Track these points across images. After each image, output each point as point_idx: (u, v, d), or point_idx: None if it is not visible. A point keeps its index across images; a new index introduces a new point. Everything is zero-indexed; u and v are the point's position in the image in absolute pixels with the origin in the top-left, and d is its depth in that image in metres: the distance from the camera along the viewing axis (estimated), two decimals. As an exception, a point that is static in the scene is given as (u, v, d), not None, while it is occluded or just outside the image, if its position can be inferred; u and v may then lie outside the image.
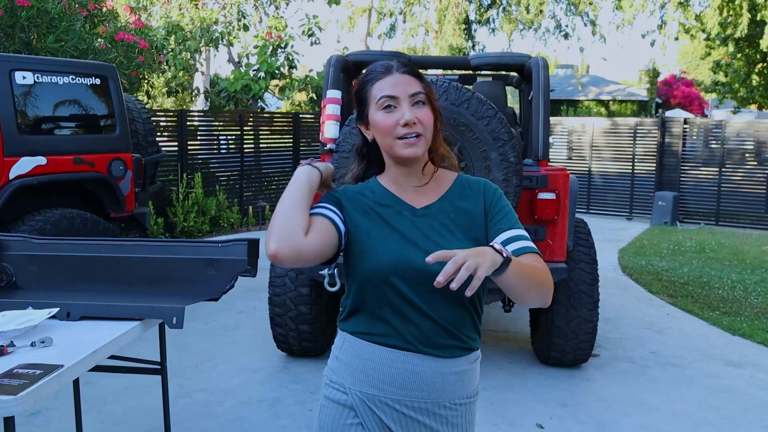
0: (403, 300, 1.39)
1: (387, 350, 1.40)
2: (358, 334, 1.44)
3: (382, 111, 1.42)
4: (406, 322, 1.39)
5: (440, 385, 1.41)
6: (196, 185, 9.29)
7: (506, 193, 3.58)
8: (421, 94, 1.42)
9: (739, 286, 6.82)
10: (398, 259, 1.38)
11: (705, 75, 22.97)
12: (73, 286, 2.34)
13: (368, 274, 1.40)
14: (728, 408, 3.84)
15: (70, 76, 5.06)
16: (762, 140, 11.29)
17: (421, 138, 1.41)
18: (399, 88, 1.41)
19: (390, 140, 1.42)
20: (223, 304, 5.19)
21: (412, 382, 1.39)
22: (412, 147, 1.41)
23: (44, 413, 3.51)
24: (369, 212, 1.45)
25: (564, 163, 13.00)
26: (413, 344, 1.39)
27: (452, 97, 3.51)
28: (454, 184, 1.51)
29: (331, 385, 1.48)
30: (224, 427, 3.46)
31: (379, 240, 1.41)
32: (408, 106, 1.40)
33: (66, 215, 4.78)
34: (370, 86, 1.45)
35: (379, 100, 1.42)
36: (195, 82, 15.11)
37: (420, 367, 1.39)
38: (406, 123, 1.39)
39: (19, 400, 1.49)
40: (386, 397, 1.41)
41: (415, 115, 1.40)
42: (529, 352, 4.67)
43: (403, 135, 1.40)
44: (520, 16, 18.39)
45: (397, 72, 1.44)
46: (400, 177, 1.48)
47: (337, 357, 1.49)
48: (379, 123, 1.42)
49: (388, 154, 1.47)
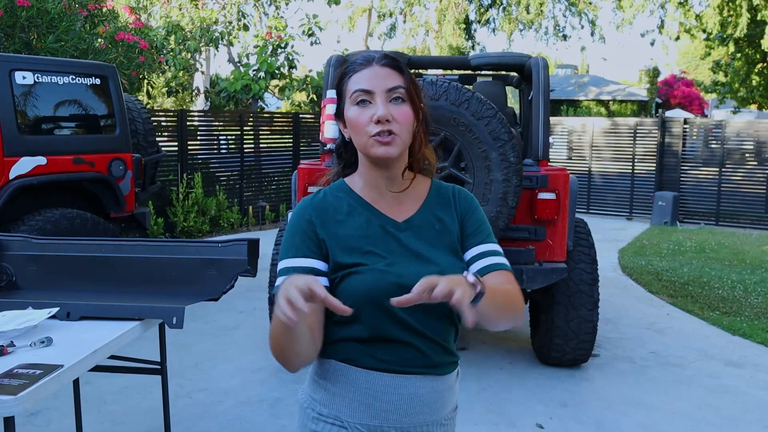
0: (398, 323, 1.29)
1: (388, 376, 1.31)
2: (350, 362, 1.32)
3: (356, 106, 1.30)
4: (403, 345, 1.31)
5: (439, 404, 1.35)
6: (196, 185, 9.29)
7: (506, 193, 3.58)
8: (400, 89, 1.29)
9: (739, 286, 6.82)
10: (394, 281, 1.27)
11: (705, 75, 22.96)
12: (73, 286, 2.34)
13: (359, 300, 1.27)
14: (728, 408, 3.84)
15: (70, 76, 5.06)
16: (762, 140, 11.29)
17: (394, 137, 1.28)
18: (375, 81, 1.29)
19: (364, 138, 1.29)
20: (223, 304, 5.20)
21: (416, 406, 1.32)
22: (385, 146, 1.28)
23: (44, 413, 3.51)
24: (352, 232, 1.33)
25: (564, 163, 13.00)
26: (414, 367, 1.32)
27: (452, 97, 3.51)
28: (430, 191, 1.41)
29: (322, 419, 1.35)
30: (224, 427, 3.46)
31: (369, 262, 1.30)
32: (383, 101, 1.28)
33: (66, 215, 4.78)
34: (347, 79, 1.33)
35: (353, 93, 1.30)
36: (195, 82, 15.11)
37: (422, 389, 1.32)
38: (378, 120, 1.26)
39: (19, 400, 1.49)
40: (389, 427, 1.32)
41: (391, 112, 1.28)
42: (529, 352, 4.67)
43: (376, 133, 1.27)
44: (520, 16, 18.39)
45: (377, 64, 1.31)
46: (378, 181, 1.35)
47: (325, 388, 1.35)
48: (351, 119, 1.30)
49: (363, 155, 1.34)
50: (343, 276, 1.29)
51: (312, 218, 1.34)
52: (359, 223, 1.33)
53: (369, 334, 1.30)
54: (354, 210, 1.35)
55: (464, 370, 4.29)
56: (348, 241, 1.31)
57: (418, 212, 1.37)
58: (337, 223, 1.33)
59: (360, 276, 1.28)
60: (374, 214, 1.35)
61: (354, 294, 1.27)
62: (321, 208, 1.35)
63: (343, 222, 1.33)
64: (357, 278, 1.28)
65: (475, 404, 3.78)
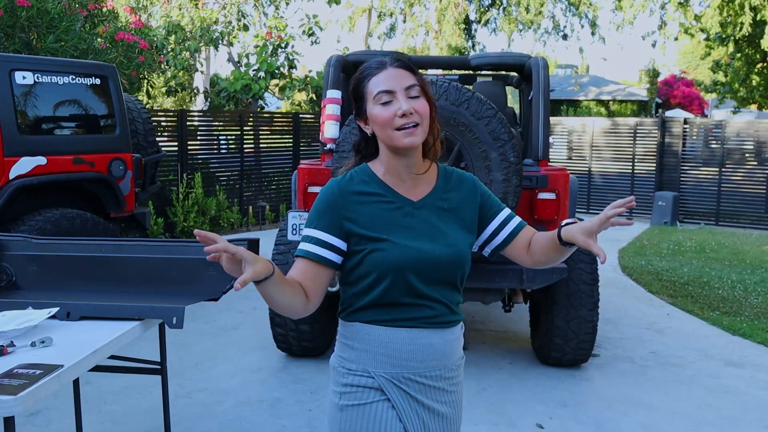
0: (416, 291, 1.50)
1: (405, 330, 1.52)
2: (373, 322, 1.53)
3: (380, 105, 1.48)
4: (418, 307, 1.52)
5: (449, 352, 1.57)
6: (196, 185, 9.29)
7: (506, 193, 3.58)
8: (415, 86, 1.49)
9: (739, 286, 6.82)
10: (414, 254, 1.49)
11: (705, 75, 22.97)
12: (73, 286, 2.34)
13: (384, 272, 1.49)
14: (728, 408, 3.84)
15: (70, 76, 5.06)
16: (762, 140, 11.29)
17: (418, 127, 1.48)
18: (394, 81, 1.48)
19: (389, 131, 1.48)
20: (223, 304, 5.20)
21: (429, 353, 1.54)
22: (411, 136, 1.47)
23: (44, 413, 3.50)
24: (376, 212, 1.52)
25: (564, 163, 13.00)
26: (427, 323, 1.53)
27: (452, 97, 3.51)
28: (439, 174, 1.61)
29: (351, 373, 1.55)
30: (224, 427, 3.46)
31: (392, 238, 1.50)
32: (404, 98, 1.47)
33: (66, 215, 4.77)
34: (367, 82, 1.51)
35: (377, 95, 1.48)
36: (195, 82, 15.11)
37: (434, 339, 1.54)
38: (403, 113, 1.46)
39: (19, 400, 1.49)
40: (409, 373, 1.53)
41: (412, 106, 1.47)
42: (529, 352, 4.67)
43: (401, 126, 1.47)
44: (520, 17, 18.39)
45: (391, 66, 1.50)
46: (399, 168, 1.54)
47: (351, 347, 1.56)
48: (377, 116, 1.49)
49: (387, 146, 1.53)
50: (371, 250, 1.49)
51: (338, 199, 1.53)
52: (382, 203, 1.53)
53: (390, 299, 1.51)
54: (377, 192, 1.54)
55: (464, 369, 4.29)
56: (372, 219, 1.51)
57: (431, 193, 1.58)
58: (361, 204, 1.53)
59: (385, 252, 1.49)
60: (395, 195, 1.54)
61: (381, 265, 1.49)
62: (347, 190, 1.54)
63: (367, 203, 1.53)
64: (383, 253, 1.49)
65: (475, 404, 3.78)
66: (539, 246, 1.62)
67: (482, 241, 1.64)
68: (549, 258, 1.61)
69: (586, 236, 1.48)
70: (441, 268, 1.52)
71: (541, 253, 1.61)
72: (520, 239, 1.63)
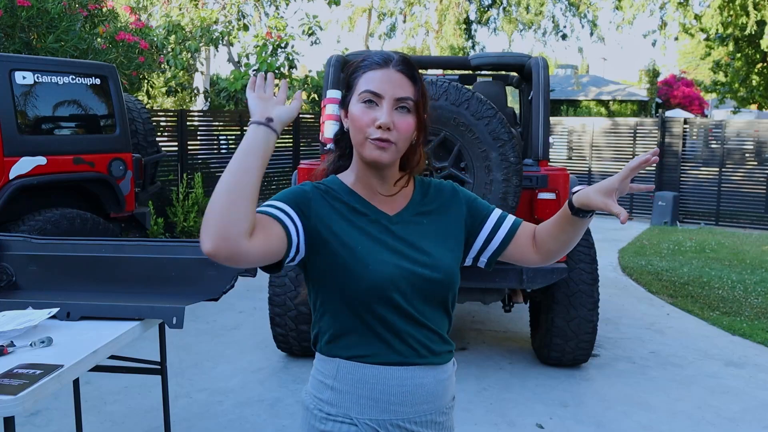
0: (399, 313, 1.32)
1: (393, 369, 1.34)
2: (354, 358, 1.34)
3: (362, 104, 1.31)
4: (403, 335, 1.34)
5: (441, 393, 1.39)
6: (196, 185, 9.28)
7: (506, 193, 3.58)
8: (408, 100, 1.31)
9: (739, 286, 6.82)
10: (394, 271, 1.31)
11: (705, 75, 22.98)
12: (73, 286, 2.34)
13: (362, 293, 1.30)
14: (728, 408, 3.84)
15: (70, 76, 5.06)
16: (762, 140, 11.29)
17: (391, 145, 1.30)
18: (387, 86, 1.30)
19: (360, 137, 1.31)
20: (223, 304, 5.20)
21: (421, 395, 1.36)
22: (380, 151, 1.30)
23: (44, 413, 3.50)
24: (348, 221, 1.34)
25: (564, 163, 13.00)
26: (416, 357, 1.35)
27: (452, 97, 3.51)
28: (415, 186, 1.45)
29: (331, 419, 1.36)
30: (224, 427, 3.46)
31: (368, 254, 1.31)
32: (389, 108, 1.29)
33: (66, 215, 4.78)
34: (361, 74, 1.34)
35: (363, 92, 1.31)
36: (195, 82, 15.11)
37: (425, 379, 1.36)
38: (380, 126, 1.28)
39: (19, 400, 1.49)
40: (398, 419, 1.35)
41: (394, 120, 1.29)
42: (529, 352, 4.67)
43: (374, 137, 1.29)
44: (520, 17, 18.40)
45: (393, 68, 1.32)
46: (371, 180, 1.37)
47: (332, 387, 1.36)
48: (354, 116, 1.32)
49: (357, 152, 1.36)
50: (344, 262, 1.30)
51: (310, 194, 1.35)
52: (356, 213, 1.36)
53: (372, 328, 1.32)
54: (349, 203, 1.36)
55: (464, 370, 4.30)
56: (344, 228, 1.33)
57: (407, 207, 1.41)
58: (334, 209, 1.34)
59: (363, 266, 1.30)
60: (367, 207, 1.37)
61: (356, 287, 1.30)
62: (320, 193, 1.36)
63: (340, 211, 1.35)
64: (354, 269, 1.30)
65: (475, 404, 3.78)
66: (547, 232, 1.43)
67: (476, 251, 1.47)
68: (563, 241, 1.41)
69: (604, 196, 1.29)
70: (427, 290, 1.34)
71: (553, 238, 1.42)
72: (520, 237, 1.45)
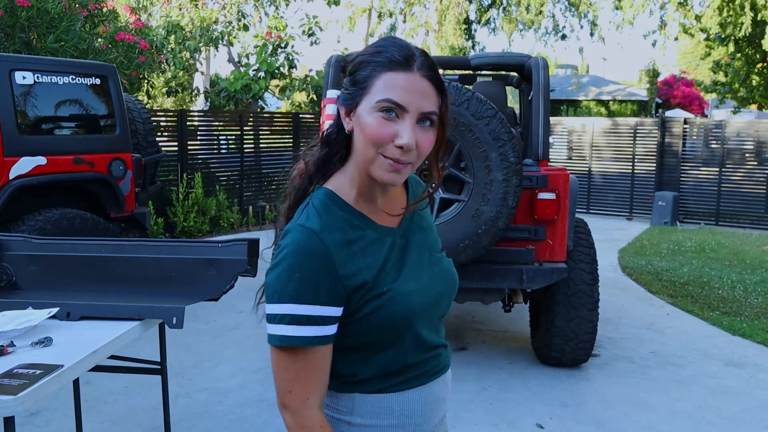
0: (426, 344, 1.25)
1: (414, 391, 1.24)
2: (379, 391, 1.22)
3: (380, 113, 1.10)
4: (425, 356, 1.26)
5: (446, 396, 1.35)
6: (196, 185, 9.29)
7: (506, 193, 3.58)
8: (434, 114, 1.13)
9: (739, 286, 6.82)
10: (421, 301, 1.20)
11: (705, 75, 22.98)
12: (73, 286, 2.34)
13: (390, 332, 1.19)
14: (728, 408, 3.84)
15: (70, 76, 5.06)
16: (762, 140, 11.29)
17: (409, 167, 1.14)
18: (412, 97, 1.10)
19: (372, 152, 1.12)
20: (223, 304, 5.19)
21: (437, 408, 1.30)
22: (395, 174, 1.13)
23: (44, 413, 3.51)
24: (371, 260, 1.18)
25: (564, 163, 13.00)
26: (433, 374, 1.28)
27: (452, 97, 3.51)
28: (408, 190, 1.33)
29: None
30: (224, 427, 3.46)
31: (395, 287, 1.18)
32: (413, 124, 1.11)
33: (66, 215, 4.78)
34: (378, 73, 1.12)
35: (383, 100, 1.10)
36: (195, 82, 15.11)
37: (439, 389, 1.30)
38: (401, 146, 1.11)
39: (19, 400, 1.49)
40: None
41: (418, 140, 1.12)
42: (529, 352, 4.67)
43: (391, 156, 1.12)
44: (520, 16, 18.40)
45: (418, 73, 1.11)
46: (374, 193, 1.21)
47: (350, 423, 1.22)
48: (369, 127, 1.11)
49: (362, 166, 1.17)
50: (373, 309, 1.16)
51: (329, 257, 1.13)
52: (370, 245, 1.19)
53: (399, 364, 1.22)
54: (359, 231, 1.19)
55: (464, 369, 4.31)
56: (371, 270, 1.17)
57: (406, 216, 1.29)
58: (354, 256, 1.16)
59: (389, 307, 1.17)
60: (377, 228, 1.22)
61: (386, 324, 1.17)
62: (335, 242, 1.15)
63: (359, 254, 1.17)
64: (386, 309, 1.17)
65: (475, 404, 3.78)
66: None
67: None
68: None
69: None
70: (442, 305, 1.27)
71: None
72: None
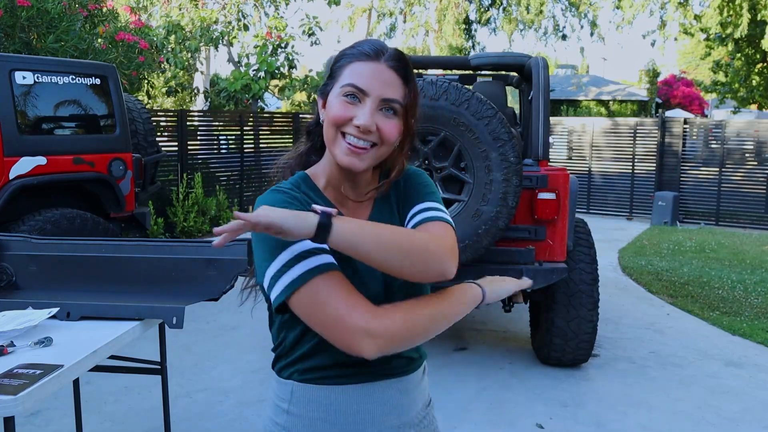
0: None
1: (350, 388, 1.21)
2: (310, 380, 1.22)
3: (343, 98, 1.15)
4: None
5: (407, 404, 1.27)
6: (196, 185, 9.29)
7: (506, 193, 3.58)
8: (396, 103, 1.16)
9: (739, 286, 6.82)
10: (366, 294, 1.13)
11: (705, 75, 22.97)
12: (73, 286, 2.34)
13: None
14: (728, 408, 3.84)
15: (70, 76, 5.06)
16: (762, 140, 11.29)
17: (370, 150, 1.15)
18: (374, 83, 1.15)
19: (333, 132, 1.16)
20: (223, 304, 5.19)
21: (383, 411, 1.23)
22: (354, 156, 1.15)
23: (44, 413, 3.50)
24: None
25: (564, 163, 13.00)
26: (382, 375, 1.23)
27: (452, 97, 3.51)
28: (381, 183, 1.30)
29: None
30: (224, 427, 3.46)
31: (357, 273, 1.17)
32: (373, 108, 1.14)
33: (66, 215, 4.78)
34: (347, 63, 1.18)
35: (346, 85, 1.15)
36: (195, 82, 15.11)
37: (387, 392, 1.23)
38: (358, 126, 1.13)
39: (19, 400, 1.49)
40: None
41: (377, 122, 1.14)
42: (529, 352, 4.67)
43: (350, 139, 1.15)
44: (520, 16, 18.40)
45: (384, 63, 1.16)
46: (341, 184, 1.23)
47: (287, 411, 1.24)
48: (332, 108, 1.16)
49: (329, 150, 1.20)
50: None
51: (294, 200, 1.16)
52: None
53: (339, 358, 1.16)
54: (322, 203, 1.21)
55: (464, 370, 4.31)
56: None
57: (375, 208, 1.28)
58: None
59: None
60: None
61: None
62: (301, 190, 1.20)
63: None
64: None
65: (475, 404, 3.78)
66: None
67: None
68: None
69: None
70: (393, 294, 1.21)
71: None
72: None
